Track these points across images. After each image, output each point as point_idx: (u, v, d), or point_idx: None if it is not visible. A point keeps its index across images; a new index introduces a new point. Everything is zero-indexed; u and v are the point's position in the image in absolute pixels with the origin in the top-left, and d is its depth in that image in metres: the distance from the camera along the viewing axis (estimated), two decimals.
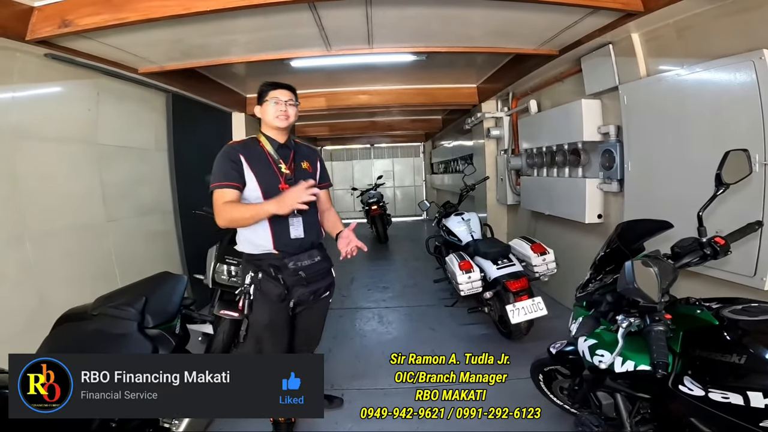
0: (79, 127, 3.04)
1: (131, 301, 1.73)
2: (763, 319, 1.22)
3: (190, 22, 2.58)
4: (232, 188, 1.87)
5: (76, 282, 2.79)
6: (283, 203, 1.77)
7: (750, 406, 1.10)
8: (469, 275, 3.40)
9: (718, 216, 2.05)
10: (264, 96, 2.00)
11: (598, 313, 1.59)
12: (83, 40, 2.67)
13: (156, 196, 3.96)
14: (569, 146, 3.75)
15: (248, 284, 1.96)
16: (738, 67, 2.16)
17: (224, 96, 4.91)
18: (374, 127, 9.31)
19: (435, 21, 2.96)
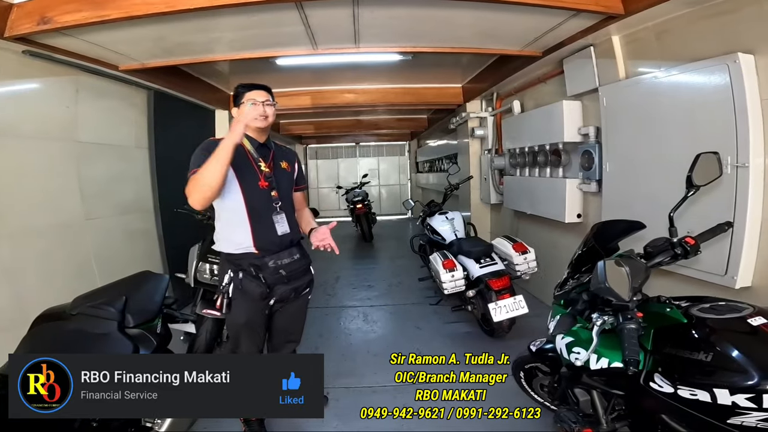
0: (57, 124, 2.99)
1: (111, 301, 1.71)
2: (729, 318, 1.24)
3: (173, 19, 2.54)
4: None
5: (54, 281, 2.75)
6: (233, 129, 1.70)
7: (717, 403, 1.13)
8: (452, 274, 3.44)
9: (689, 217, 2.10)
10: (240, 98, 1.97)
11: (575, 312, 1.62)
12: (63, 37, 2.63)
13: (136, 194, 3.90)
14: (550, 147, 3.80)
15: (227, 284, 1.95)
16: (713, 70, 2.21)
17: (208, 93, 4.85)
18: (360, 125, 9.30)
19: (422, 21, 2.97)
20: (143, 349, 1.69)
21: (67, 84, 3.07)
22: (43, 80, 2.86)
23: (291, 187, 2.13)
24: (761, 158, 2.08)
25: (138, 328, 1.76)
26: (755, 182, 2.08)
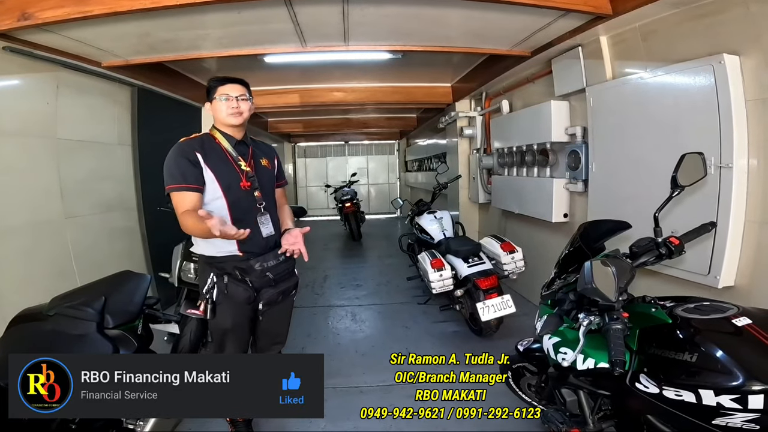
0: (36, 120, 2.92)
1: (89, 301, 1.67)
2: (714, 318, 1.24)
3: (158, 15, 2.50)
4: (192, 191, 1.75)
5: (32, 281, 2.69)
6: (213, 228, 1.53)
7: (702, 404, 1.12)
8: (440, 273, 3.44)
9: (674, 217, 2.11)
10: (213, 92, 1.87)
11: (562, 312, 1.63)
12: (44, 34, 2.57)
13: (119, 192, 3.83)
14: (538, 146, 3.82)
15: (210, 288, 1.85)
16: (698, 71, 2.22)
17: (194, 91, 4.77)
18: (349, 124, 9.28)
19: (412, 20, 2.96)
20: (123, 350, 1.65)
21: (48, 80, 2.99)
22: (23, 76, 2.79)
23: (273, 186, 2.05)
24: (745, 159, 2.10)
25: (118, 328, 1.71)
26: (738, 183, 2.10)
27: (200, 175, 1.79)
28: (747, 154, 2.10)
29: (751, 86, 2.07)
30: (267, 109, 5.87)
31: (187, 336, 2.73)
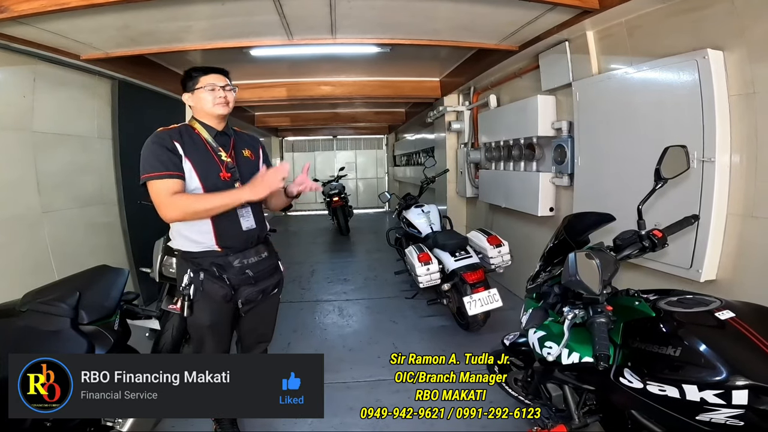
0: (12, 113, 2.83)
1: (63, 296, 1.62)
2: (697, 311, 1.23)
3: (139, 7, 2.43)
4: (174, 177, 1.70)
5: (7, 276, 2.61)
6: (260, 187, 1.66)
7: (686, 399, 1.11)
8: (427, 267, 3.43)
9: (657, 210, 2.13)
10: (194, 82, 1.81)
11: (547, 305, 1.62)
12: (20, 26, 2.47)
13: (99, 186, 3.74)
14: (525, 141, 3.83)
15: (186, 285, 1.79)
16: (682, 66, 2.23)
17: (177, 84, 4.59)
18: (337, 118, 9.22)
19: (400, 12, 2.92)
20: (99, 346, 1.61)
21: (25, 73, 2.91)
22: None
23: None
24: (727, 154, 2.12)
25: (93, 324, 1.66)
26: (720, 177, 2.12)
27: (180, 164, 1.74)
28: (729, 148, 2.11)
29: (734, 81, 2.08)
30: (254, 102, 5.79)
31: (169, 332, 2.68)
